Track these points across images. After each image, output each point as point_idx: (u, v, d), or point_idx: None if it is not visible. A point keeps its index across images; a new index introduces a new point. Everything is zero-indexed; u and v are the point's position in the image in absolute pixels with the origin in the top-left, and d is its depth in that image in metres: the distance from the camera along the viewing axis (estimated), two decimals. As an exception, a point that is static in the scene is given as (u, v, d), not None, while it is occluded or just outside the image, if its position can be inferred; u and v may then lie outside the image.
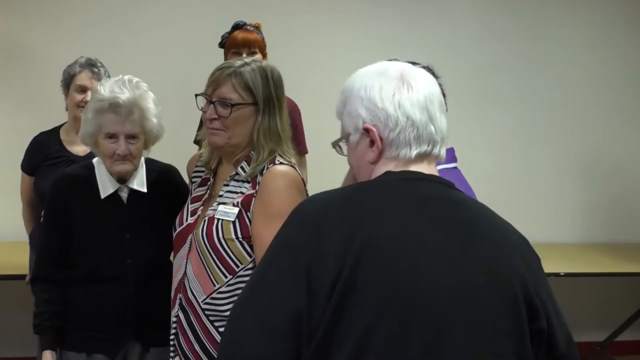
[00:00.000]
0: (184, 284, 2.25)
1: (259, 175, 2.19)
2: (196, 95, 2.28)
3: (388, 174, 1.50)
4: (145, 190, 2.57)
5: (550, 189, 5.03)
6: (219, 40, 3.55)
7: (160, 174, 2.63)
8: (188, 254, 2.26)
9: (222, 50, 3.54)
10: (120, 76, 2.54)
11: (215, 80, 2.22)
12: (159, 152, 2.70)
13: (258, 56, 3.33)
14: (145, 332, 2.56)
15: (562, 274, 4.22)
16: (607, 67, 5.33)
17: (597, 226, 5.14)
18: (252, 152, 2.23)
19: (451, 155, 2.26)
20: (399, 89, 1.49)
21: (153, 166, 2.64)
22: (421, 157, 1.52)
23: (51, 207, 2.61)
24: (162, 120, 2.56)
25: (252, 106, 2.21)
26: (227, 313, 2.06)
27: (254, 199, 2.17)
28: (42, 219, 3.08)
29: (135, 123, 2.47)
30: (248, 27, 3.51)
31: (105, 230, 2.53)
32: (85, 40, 4.39)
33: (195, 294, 2.22)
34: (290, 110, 2.46)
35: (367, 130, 1.50)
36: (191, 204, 2.35)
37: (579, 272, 4.46)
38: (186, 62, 4.05)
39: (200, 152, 2.47)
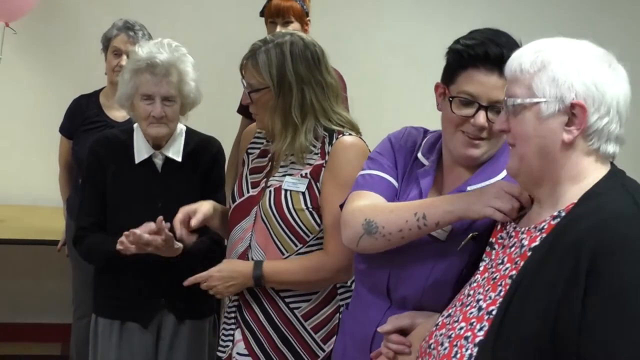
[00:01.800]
0: (248, 256, 2.27)
1: (327, 146, 2.23)
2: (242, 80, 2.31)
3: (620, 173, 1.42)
4: (179, 159, 2.56)
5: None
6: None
7: (198, 144, 2.61)
8: (253, 225, 2.27)
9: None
10: (160, 39, 2.55)
11: (242, 67, 2.27)
12: (199, 121, 2.67)
13: (293, 26, 3.25)
14: (179, 304, 2.56)
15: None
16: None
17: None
18: (278, 130, 2.25)
19: None
20: (617, 77, 1.39)
21: (193, 136, 2.63)
22: (610, 157, 1.43)
23: (89, 169, 2.63)
24: (199, 88, 2.55)
25: (268, 89, 2.21)
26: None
27: (323, 168, 2.22)
28: (80, 182, 3.09)
29: (172, 85, 2.46)
30: None
31: (136, 197, 2.54)
32: (128, 4, 4.39)
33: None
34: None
35: (574, 106, 1.36)
36: (250, 175, 2.34)
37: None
38: (229, 29, 3.99)
39: (251, 126, 2.47)
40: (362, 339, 1.85)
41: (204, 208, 2.31)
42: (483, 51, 1.67)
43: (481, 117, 1.70)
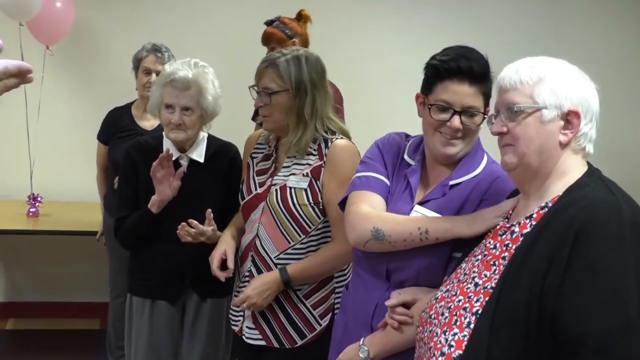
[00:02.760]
0: (256, 244, 2.31)
1: (324, 148, 2.27)
2: (249, 88, 2.34)
3: (597, 171, 1.45)
4: (202, 161, 2.57)
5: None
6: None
7: (218, 148, 2.62)
8: (260, 218, 2.30)
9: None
10: (189, 59, 2.56)
11: (259, 73, 2.29)
12: (220, 129, 2.69)
13: (295, 46, 3.26)
14: (202, 285, 2.57)
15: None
16: (616, 61, 5.19)
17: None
18: (292, 132, 2.29)
19: None
20: (593, 90, 1.45)
21: (214, 142, 2.65)
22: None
23: (125, 169, 2.63)
24: (219, 101, 2.56)
25: (287, 92, 2.25)
26: None
27: (322, 169, 2.25)
28: (114, 183, 3.11)
29: (191, 98, 2.47)
30: (274, 23, 3.40)
31: None
32: (155, 27, 4.41)
33: (268, 251, 2.29)
34: (334, 92, 2.50)
35: (570, 113, 1.41)
36: (257, 176, 2.36)
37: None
38: (246, 49, 3.99)
39: (259, 131, 2.49)
40: (363, 315, 1.86)
41: (229, 247, 2.37)
42: (456, 65, 1.73)
43: (456, 121, 1.75)
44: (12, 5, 3.79)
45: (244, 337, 2.35)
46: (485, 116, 1.76)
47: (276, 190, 2.28)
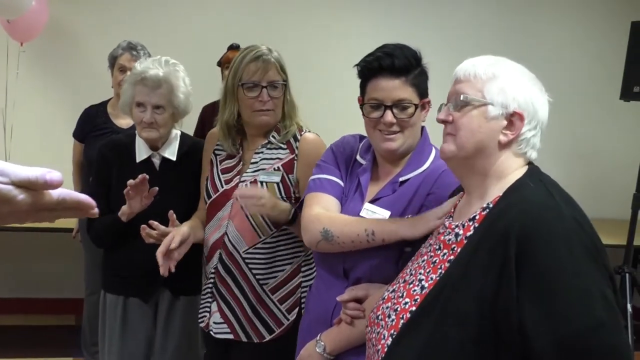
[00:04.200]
0: (224, 241, 2.28)
1: (293, 142, 2.27)
2: (240, 85, 2.24)
3: (537, 171, 1.44)
4: (174, 159, 2.55)
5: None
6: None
7: (190, 147, 2.59)
8: (229, 215, 2.28)
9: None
10: (159, 56, 2.53)
11: (263, 68, 2.21)
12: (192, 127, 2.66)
13: None
14: (175, 282, 2.52)
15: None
16: (588, 60, 5.25)
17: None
18: (278, 123, 2.29)
19: None
20: (544, 102, 1.43)
21: (187, 140, 2.62)
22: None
23: (97, 167, 2.61)
24: (190, 98, 2.53)
25: (285, 83, 2.28)
26: (265, 261, 2.25)
27: (295, 162, 2.25)
28: (91, 179, 3.07)
29: (162, 96, 2.44)
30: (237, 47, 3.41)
31: None
32: (129, 27, 4.35)
33: (237, 247, 2.26)
34: None
35: (515, 115, 1.39)
36: (222, 174, 2.34)
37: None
38: (218, 47, 3.97)
39: (215, 130, 2.43)
40: (324, 313, 1.87)
41: (180, 231, 2.25)
42: (377, 64, 1.77)
43: (388, 115, 1.78)
44: (2, 4, 3.74)
45: (211, 332, 2.33)
46: (417, 106, 1.79)
47: (246, 185, 2.25)
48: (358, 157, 1.94)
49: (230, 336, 2.30)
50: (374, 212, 1.80)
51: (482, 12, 5.06)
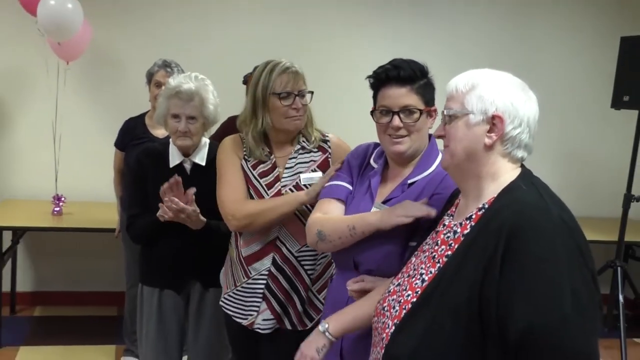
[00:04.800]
0: (277, 245, 2.25)
1: (323, 144, 2.31)
2: (277, 94, 2.22)
3: (529, 174, 1.42)
4: (204, 164, 2.55)
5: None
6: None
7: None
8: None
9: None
10: (190, 72, 2.55)
11: (294, 79, 2.22)
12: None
13: None
14: (205, 275, 2.56)
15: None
16: (582, 71, 5.20)
17: (566, 203, 4.98)
18: (302, 129, 2.30)
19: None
20: (528, 100, 1.40)
21: (215, 147, 2.60)
22: (520, 161, 1.44)
23: (135, 172, 2.62)
24: (218, 109, 2.54)
25: (311, 93, 2.29)
26: (313, 256, 2.27)
27: (329, 160, 2.27)
28: (129, 183, 3.10)
29: (195, 108, 2.46)
30: None
31: None
32: (163, 46, 4.39)
33: (290, 248, 2.24)
34: None
35: (495, 118, 1.37)
36: (261, 178, 2.27)
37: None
38: (241, 63, 4.00)
39: (237, 135, 2.37)
40: (339, 303, 1.86)
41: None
42: (385, 75, 1.81)
43: (396, 120, 1.79)
44: (55, 29, 3.79)
45: (257, 329, 2.28)
46: (422, 112, 1.80)
47: (291, 189, 2.23)
48: (371, 162, 1.95)
49: (278, 326, 2.27)
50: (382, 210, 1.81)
51: (486, 27, 5.03)
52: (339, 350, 1.84)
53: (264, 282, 2.26)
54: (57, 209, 4.03)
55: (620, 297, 4.07)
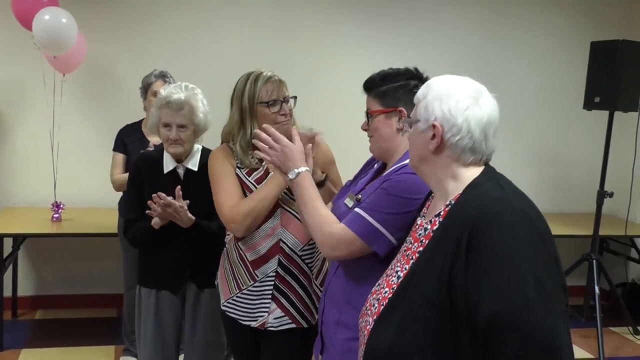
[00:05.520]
0: (281, 247, 2.21)
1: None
2: (265, 103, 2.22)
3: (492, 171, 1.43)
4: (196, 169, 2.55)
5: (507, 171, 4.89)
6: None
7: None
8: (280, 222, 2.22)
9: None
10: (180, 82, 2.55)
11: (279, 87, 2.23)
12: (212, 142, 2.65)
13: None
14: (199, 276, 2.56)
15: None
16: (555, 75, 5.24)
17: (543, 200, 5.08)
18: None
19: None
20: (471, 106, 1.38)
21: (207, 153, 2.60)
22: (477, 162, 1.43)
23: (132, 177, 2.61)
24: (208, 117, 2.54)
25: (294, 98, 2.30)
26: (313, 252, 2.25)
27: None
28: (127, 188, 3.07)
29: (185, 116, 2.46)
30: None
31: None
32: (155, 57, 4.37)
33: (293, 248, 2.22)
34: None
35: (434, 126, 1.39)
36: (257, 184, 2.24)
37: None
38: (231, 73, 3.99)
39: (225, 146, 2.34)
40: (332, 291, 1.89)
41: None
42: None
43: (363, 124, 1.89)
44: (51, 43, 3.76)
45: (270, 328, 2.24)
46: (370, 116, 1.86)
47: (284, 192, 2.21)
48: (375, 164, 1.98)
49: (292, 325, 2.24)
50: (349, 199, 1.87)
51: (462, 34, 5.05)
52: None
53: (272, 283, 2.23)
54: (56, 215, 4.00)
55: (596, 289, 4.10)
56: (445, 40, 5.01)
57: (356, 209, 1.73)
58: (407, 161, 1.82)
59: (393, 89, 1.82)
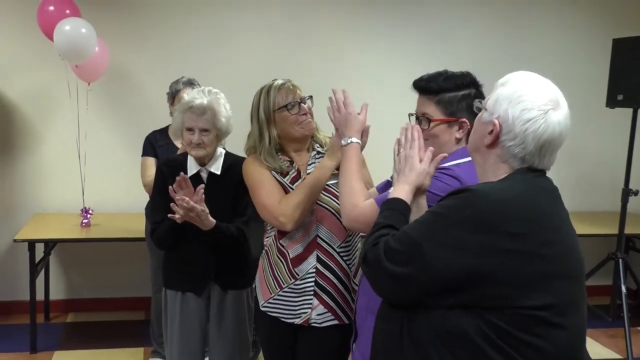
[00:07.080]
0: (319, 243, 2.23)
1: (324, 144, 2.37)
2: (284, 107, 2.26)
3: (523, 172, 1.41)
4: (219, 173, 2.56)
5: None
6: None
7: (232, 162, 2.59)
8: (316, 219, 2.23)
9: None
10: (204, 87, 2.55)
11: (292, 91, 2.28)
12: (236, 147, 2.66)
13: None
14: (223, 278, 2.56)
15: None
16: (576, 73, 5.14)
17: (568, 199, 4.94)
18: (313, 136, 2.36)
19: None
20: (535, 121, 1.34)
21: (229, 157, 2.63)
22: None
23: (157, 181, 2.63)
24: (231, 121, 2.55)
25: (310, 98, 2.33)
26: (351, 249, 2.28)
27: None
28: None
29: (207, 121, 2.47)
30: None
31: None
32: (178, 63, 4.41)
33: (331, 243, 2.24)
34: None
35: (494, 123, 1.37)
36: (292, 184, 2.26)
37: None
38: (255, 79, 4.00)
39: (253, 157, 2.36)
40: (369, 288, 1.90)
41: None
42: (414, 83, 1.89)
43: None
44: (71, 52, 3.82)
45: (314, 324, 2.24)
46: (434, 123, 1.81)
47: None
48: None
49: (336, 322, 2.24)
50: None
51: (482, 30, 5.00)
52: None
53: (313, 279, 2.23)
54: (85, 220, 4.05)
55: (623, 288, 4.02)
56: (464, 35, 4.95)
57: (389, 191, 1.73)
58: (446, 164, 1.79)
59: (457, 100, 1.81)
